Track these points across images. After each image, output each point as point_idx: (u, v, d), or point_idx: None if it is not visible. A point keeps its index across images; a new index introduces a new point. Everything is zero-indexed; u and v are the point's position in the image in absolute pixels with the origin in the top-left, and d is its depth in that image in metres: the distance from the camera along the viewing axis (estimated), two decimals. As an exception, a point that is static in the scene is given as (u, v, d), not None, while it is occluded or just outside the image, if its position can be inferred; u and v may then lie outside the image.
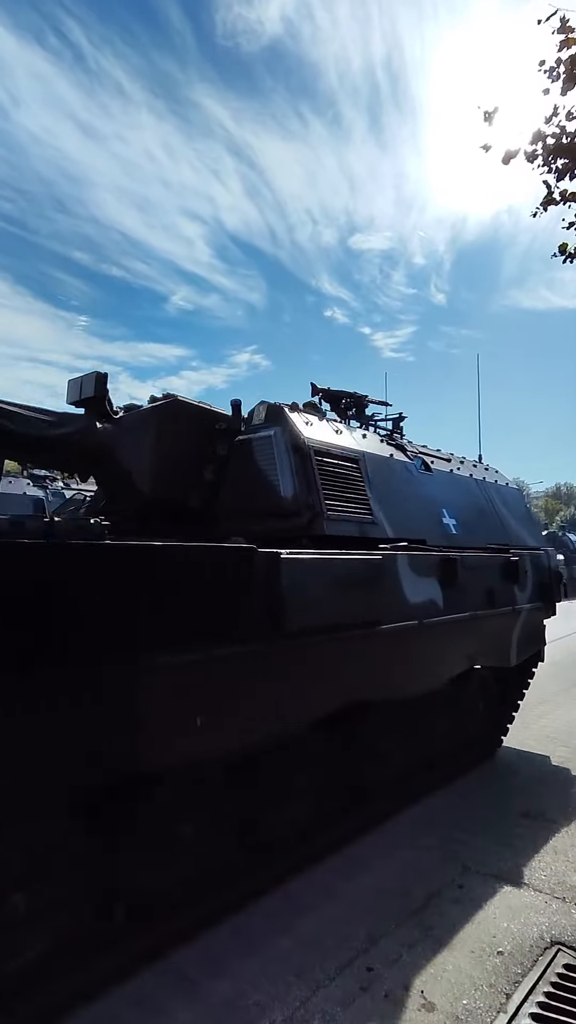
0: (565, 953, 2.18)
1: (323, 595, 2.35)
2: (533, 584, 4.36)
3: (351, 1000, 1.94)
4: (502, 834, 3.11)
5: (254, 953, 2.16)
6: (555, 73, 5.09)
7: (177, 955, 2.14)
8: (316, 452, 2.98)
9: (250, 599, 2.10)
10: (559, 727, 5.10)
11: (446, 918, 2.39)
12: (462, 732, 4.02)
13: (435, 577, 3.16)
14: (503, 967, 2.10)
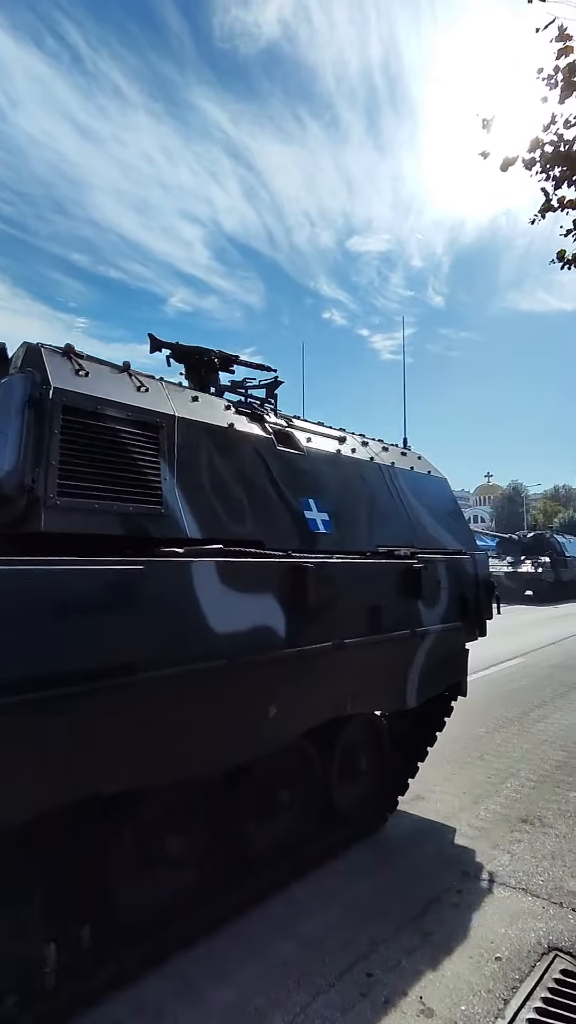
0: (562, 959, 2.21)
1: (25, 631, 1.52)
2: (449, 598, 3.28)
3: (351, 1006, 1.96)
4: (500, 840, 3.13)
5: (254, 958, 2.18)
6: (553, 81, 5.13)
7: (180, 960, 2.16)
8: (69, 410, 2.02)
9: None
10: (556, 731, 5.12)
11: (445, 924, 2.41)
12: (313, 812, 2.85)
13: (271, 594, 2.24)
14: (501, 973, 2.12)
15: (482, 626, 3.65)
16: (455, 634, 3.39)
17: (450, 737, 4.88)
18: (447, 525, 3.84)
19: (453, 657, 3.45)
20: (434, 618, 3.16)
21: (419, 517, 3.59)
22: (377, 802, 3.30)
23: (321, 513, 2.84)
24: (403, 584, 2.91)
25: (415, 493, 3.66)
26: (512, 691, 6.65)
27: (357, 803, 3.15)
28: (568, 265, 5.90)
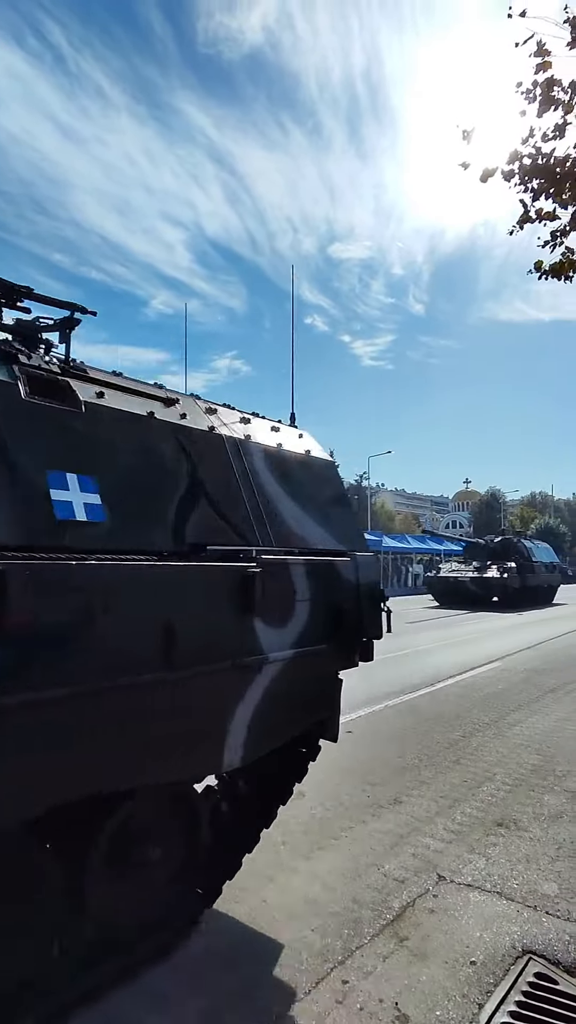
0: (536, 962, 2.22)
1: None
2: (310, 614, 2.34)
3: (326, 1013, 1.94)
4: (476, 843, 3.15)
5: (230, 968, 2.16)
6: (532, 95, 5.22)
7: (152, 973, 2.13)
8: None
9: None
10: (532, 735, 5.18)
11: (421, 928, 2.41)
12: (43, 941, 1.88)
13: None
14: (476, 977, 2.13)
15: (365, 648, 2.72)
16: (319, 660, 2.42)
17: (427, 742, 4.92)
18: (322, 519, 2.81)
19: (314, 691, 2.51)
20: (282, 641, 2.20)
21: (278, 508, 2.56)
22: (179, 906, 2.32)
23: (87, 495, 1.94)
24: (228, 596, 2.02)
25: (281, 478, 2.66)
26: (489, 695, 6.71)
27: (135, 917, 2.13)
28: (545, 276, 6.01)
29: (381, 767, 4.30)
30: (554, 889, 2.71)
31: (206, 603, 1.97)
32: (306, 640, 2.32)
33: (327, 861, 2.94)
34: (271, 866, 2.88)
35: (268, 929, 2.40)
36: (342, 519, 3.02)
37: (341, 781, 4.00)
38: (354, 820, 3.41)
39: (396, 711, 5.92)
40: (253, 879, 2.76)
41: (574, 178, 5.32)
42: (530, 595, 20.76)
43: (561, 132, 5.30)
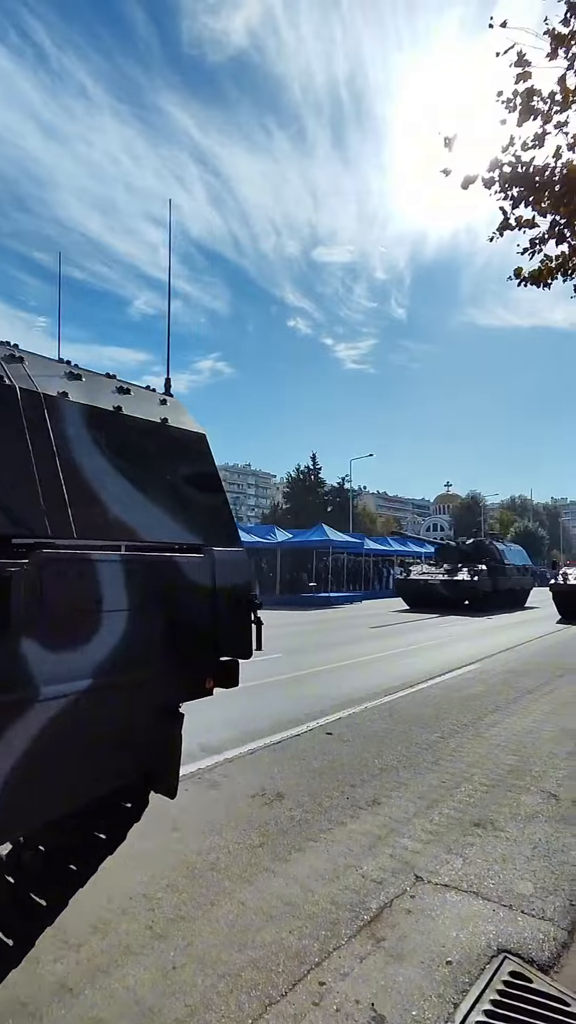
0: (511, 960, 2.24)
1: None
2: (127, 629, 1.71)
3: (302, 1015, 1.94)
4: (453, 844, 3.17)
5: (205, 969, 2.15)
6: (512, 104, 5.30)
7: (127, 976, 2.11)
8: None
9: None
10: (508, 737, 5.23)
11: (398, 929, 2.42)
12: None
13: None
14: (452, 977, 2.14)
15: (225, 671, 2.16)
16: (142, 692, 1.84)
17: (406, 743, 4.94)
18: (172, 504, 2.14)
19: (131, 733, 1.85)
20: (74, 667, 1.56)
21: (97, 487, 1.87)
22: None
23: None
24: None
25: (112, 449, 1.98)
26: (467, 697, 6.77)
27: None
28: (524, 282, 6.10)
29: (360, 768, 4.31)
30: (529, 888, 2.74)
31: None
32: (118, 665, 1.67)
33: (305, 863, 2.94)
34: (249, 867, 2.88)
35: (245, 932, 2.39)
36: (206, 505, 2.31)
37: (320, 783, 4.01)
38: (333, 821, 3.41)
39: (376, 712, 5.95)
40: (231, 881, 2.75)
41: (552, 187, 5.41)
42: (502, 598, 20.38)
43: (540, 141, 5.38)
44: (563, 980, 2.16)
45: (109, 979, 2.10)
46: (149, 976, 2.12)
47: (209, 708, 6.24)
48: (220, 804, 3.64)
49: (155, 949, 2.27)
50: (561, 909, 2.58)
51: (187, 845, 3.11)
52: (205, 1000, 2.00)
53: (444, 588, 19.48)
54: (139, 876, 2.80)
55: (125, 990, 2.05)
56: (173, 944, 2.31)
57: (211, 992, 2.04)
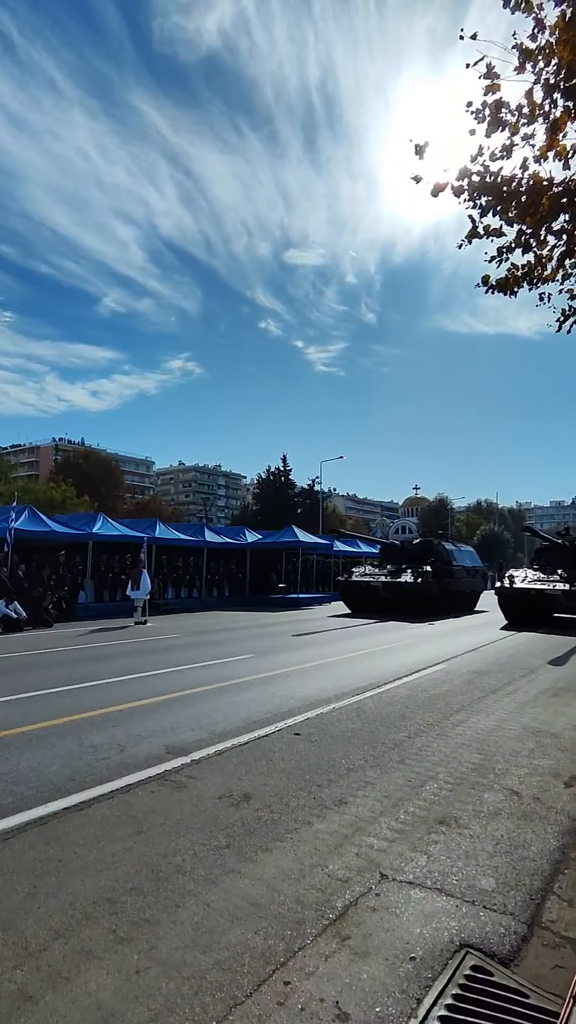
0: (473, 955, 2.28)
1: None
2: None
3: (267, 1016, 1.94)
4: (418, 842, 3.21)
5: (169, 972, 2.13)
6: (481, 115, 5.41)
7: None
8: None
9: None
10: (472, 736, 5.32)
11: (363, 927, 2.44)
12: None
13: None
14: (415, 973, 2.17)
15: None
16: None
17: (373, 743, 4.98)
18: None
19: None
20: None
21: None
22: None
23: None
24: None
25: None
26: (433, 696, 6.86)
27: None
28: (492, 290, 6.22)
29: (327, 768, 4.33)
30: (491, 884, 2.79)
31: None
32: None
33: (272, 863, 2.94)
34: (215, 869, 2.86)
35: (211, 933, 2.37)
36: None
37: (287, 783, 4.01)
38: (299, 821, 3.42)
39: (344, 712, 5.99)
40: (196, 883, 2.73)
41: (519, 197, 5.54)
42: (449, 601, 19.04)
43: (508, 153, 5.50)
44: (523, 972, 2.20)
45: (71, 985, 2.07)
46: (112, 981, 2.09)
47: (177, 708, 6.23)
48: (186, 806, 3.61)
49: (118, 953, 2.24)
50: (522, 903, 2.63)
51: (152, 847, 3.08)
52: (169, 1003, 1.99)
53: (386, 590, 18.10)
54: (103, 880, 2.76)
55: (87, 996, 2.02)
56: (137, 948, 2.28)
57: (175, 995, 2.02)
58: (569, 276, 6.11)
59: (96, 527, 19.32)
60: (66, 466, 61.46)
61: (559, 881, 2.85)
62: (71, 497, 49.23)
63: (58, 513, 27.11)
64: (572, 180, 5.45)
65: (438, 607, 18.38)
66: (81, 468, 59.74)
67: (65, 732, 5.18)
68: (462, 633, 13.95)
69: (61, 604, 16.78)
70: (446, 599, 18.95)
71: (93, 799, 3.69)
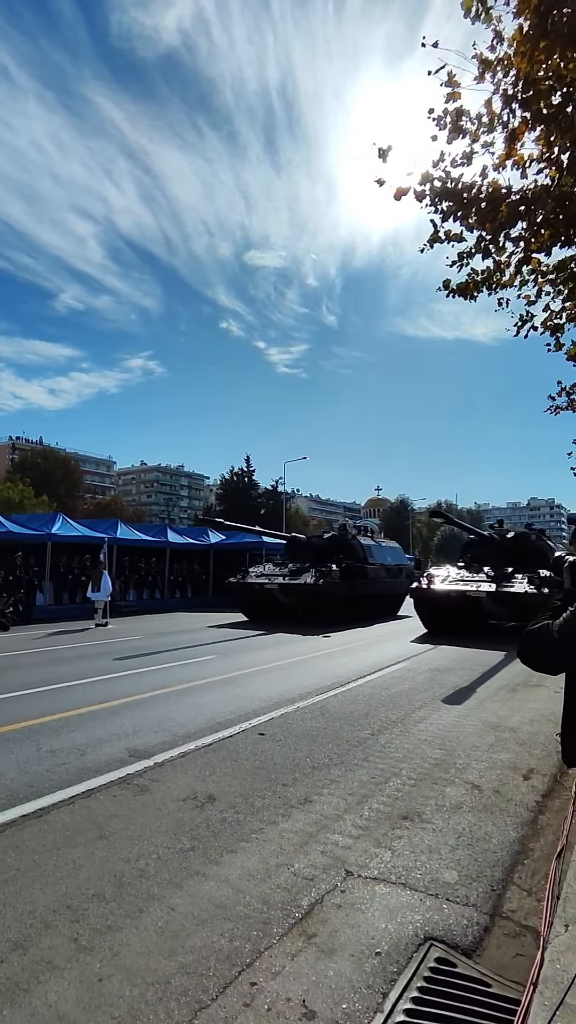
0: (437, 947, 2.31)
1: None
2: None
3: (234, 1018, 1.92)
4: (382, 837, 3.24)
5: (133, 979, 2.09)
6: (443, 123, 5.50)
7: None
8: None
9: None
10: (434, 732, 5.40)
11: (328, 924, 2.44)
12: None
13: None
14: (380, 967, 2.18)
15: None
16: None
17: (337, 741, 5.01)
18: None
19: None
20: None
21: None
22: None
23: None
24: None
25: None
26: (396, 694, 6.94)
27: None
28: (452, 293, 6.34)
29: (292, 767, 4.33)
30: (454, 876, 2.83)
31: None
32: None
33: (237, 864, 2.92)
34: (179, 872, 2.82)
35: (175, 937, 2.34)
36: None
37: (252, 783, 3.99)
38: (264, 821, 3.41)
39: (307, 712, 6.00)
40: (160, 887, 2.69)
41: (479, 204, 5.66)
42: (363, 605, 16.08)
43: (468, 160, 5.61)
44: (485, 962, 2.25)
45: (30, 997, 2.00)
46: (73, 991, 2.04)
47: (139, 711, 6.13)
48: (150, 809, 3.55)
49: (80, 962, 2.19)
50: (483, 895, 2.68)
51: (115, 852, 3.02)
52: (133, 1011, 1.95)
53: (283, 594, 14.87)
54: (63, 887, 2.69)
55: (47, 1007, 1.96)
56: (99, 956, 2.23)
57: (139, 1002, 1.99)
58: (526, 282, 6.28)
59: (55, 527, 18.85)
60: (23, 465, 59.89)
61: (519, 871, 2.92)
62: (28, 497, 47.96)
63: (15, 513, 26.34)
64: (529, 189, 5.60)
65: (349, 612, 15.34)
66: (39, 467, 58.30)
67: (23, 737, 5.04)
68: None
69: (18, 606, 16.33)
70: (359, 603, 15.92)
71: (52, 805, 3.60)
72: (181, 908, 2.54)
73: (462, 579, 12.91)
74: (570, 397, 9.47)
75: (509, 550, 13.74)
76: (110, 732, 5.21)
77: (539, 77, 4.89)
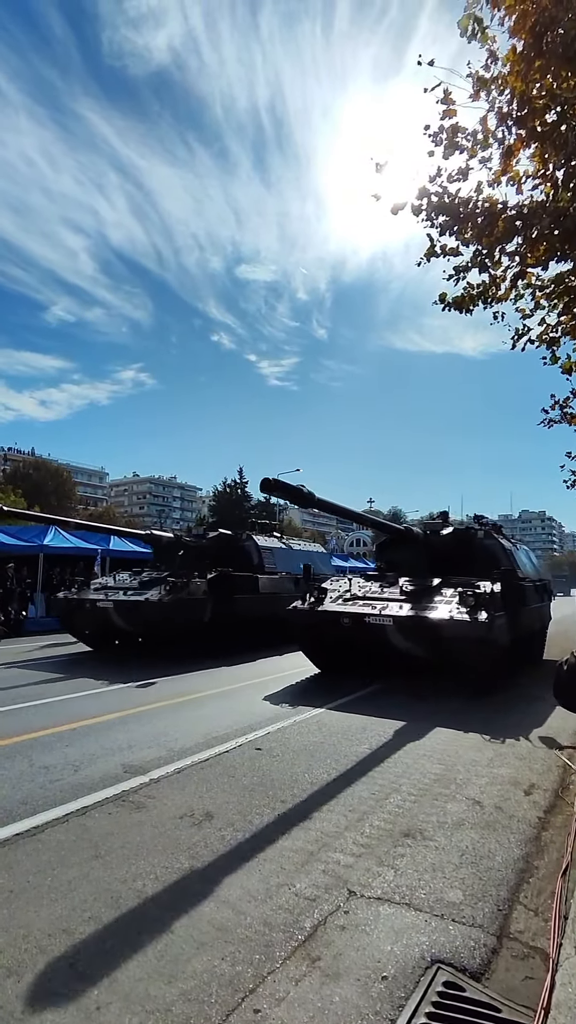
0: (444, 970, 2.25)
1: None
2: None
3: (237, 1047, 1.86)
4: (384, 856, 3.18)
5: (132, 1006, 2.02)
6: (439, 139, 5.56)
7: (46, 1022, 1.94)
8: None
9: None
10: (433, 745, 5.33)
11: (333, 947, 2.38)
12: None
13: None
14: (387, 992, 2.12)
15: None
16: None
17: (335, 757, 4.94)
18: None
19: None
20: None
21: None
22: None
23: None
24: None
25: None
26: (393, 708, 6.86)
27: None
28: (448, 307, 6.38)
29: (290, 784, 4.26)
30: (459, 896, 2.78)
31: None
32: None
33: (237, 884, 2.85)
34: (178, 893, 2.75)
35: (175, 962, 2.27)
36: None
37: (250, 800, 3.92)
38: (264, 840, 3.34)
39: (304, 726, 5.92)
40: (158, 909, 2.62)
41: (475, 219, 5.71)
42: (250, 631, 11.42)
43: (464, 175, 5.67)
44: (494, 986, 2.19)
45: (26, 1027, 1.93)
46: (71, 1019, 1.97)
47: (133, 726, 6.03)
48: (146, 827, 3.48)
49: (77, 989, 2.12)
50: (490, 915, 2.63)
51: (111, 872, 2.94)
52: (133, 1040, 1.88)
53: (119, 614, 10.19)
54: (59, 909, 2.61)
55: (44, 1037, 1.89)
56: (97, 982, 2.16)
57: (139, 1031, 1.92)
58: (522, 296, 6.34)
59: (47, 539, 18.57)
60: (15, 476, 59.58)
61: (524, 890, 2.87)
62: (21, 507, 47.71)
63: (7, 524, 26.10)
64: (524, 204, 5.66)
65: (224, 641, 10.94)
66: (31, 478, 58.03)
67: (14, 753, 4.94)
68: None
69: (8, 619, 16.13)
70: (246, 628, 11.42)
71: (47, 823, 3.51)
72: (180, 931, 2.47)
73: (366, 596, 8.48)
74: (563, 410, 9.55)
75: (445, 553, 9.62)
76: (105, 747, 5.12)
77: (534, 96, 4.96)
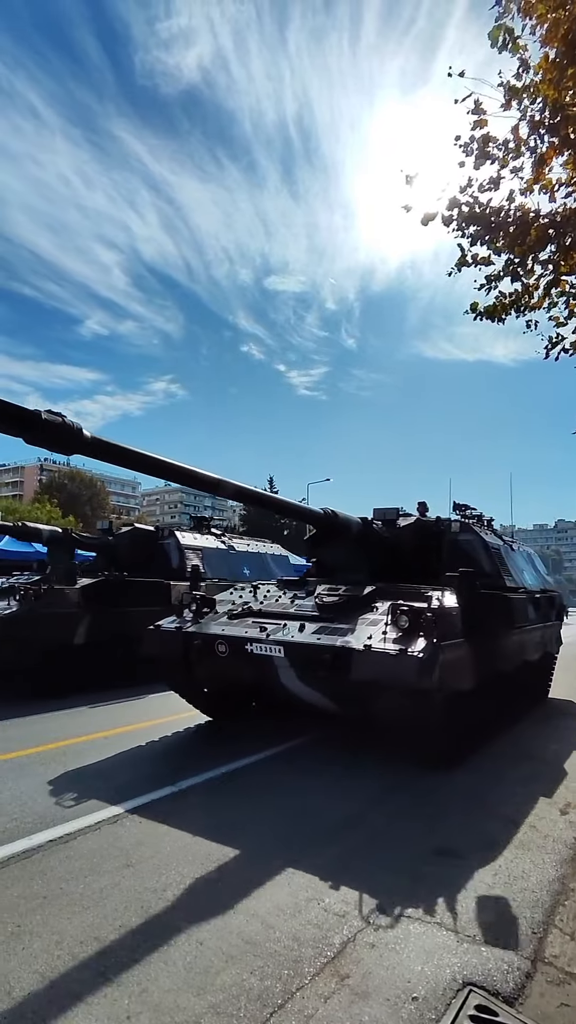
0: (476, 994, 2.20)
1: None
2: None
3: (266, 1063, 1.85)
4: (416, 873, 3.13)
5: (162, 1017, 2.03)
6: (469, 149, 5.56)
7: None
8: None
9: None
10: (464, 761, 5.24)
11: (362, 965, 2.35)
12: None
13: None
14: (418, 1014, 2.09)
15: None
16: None
17: (366, 769, 4.88)
18: None
19: None
20: None
21: None
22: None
23: None
24: None
25: None
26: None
27: None
28: (480, 316, 6.33)
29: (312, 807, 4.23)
30: (492, 917, 2.72)
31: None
32: None
33: (266, 898, 2.84)
34: (208, 906, 2.76)
35: (204, 974, 2.27)
36: None
37: (278, 813, 3.91)
38: (294, 853, 3.32)
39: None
40: (187, 920, 2.63)
41: (507, 228, 5.67)
42: (137, 657, 6.53)
43: (496, 185, 5.65)
44: (528, 1011, 2.13)
45: (58, 1033, 1.96)
46: (101, 1027, 1.99)
47: (169, 735, 6.06)
48: (175, 837, 3.50)
49: (108, 997, 2.14)
50: (524, 938, 2.56)
51: (141, 882, 2.97)
52: (162, 1051, 1.89)
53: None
54: (90, 917, 2.64)
55: (75, 1044, 1.91)
56: (127, 991, 2.18)
57: (168, 1042, 1.92)
58: (555, 304, 6.25)
59: (81, 548, 18.94)
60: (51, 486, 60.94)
61: (560, 913, 2.79)
62: (56, 517, 48.63)
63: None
64: (558, 212, 5.59)
65: (109, 668, 8.41)
66: (67, 488, 59.28)
67: (50, 759, 5.03)
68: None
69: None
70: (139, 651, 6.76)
71: (78, 831, 3.56)
72: (209, 943, 2.48)
73: (263, 613, 5.52)
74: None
75: (401, 551, 6.58)
76: (134, 755, 5.17)
77: (567, 103, 4.91)
